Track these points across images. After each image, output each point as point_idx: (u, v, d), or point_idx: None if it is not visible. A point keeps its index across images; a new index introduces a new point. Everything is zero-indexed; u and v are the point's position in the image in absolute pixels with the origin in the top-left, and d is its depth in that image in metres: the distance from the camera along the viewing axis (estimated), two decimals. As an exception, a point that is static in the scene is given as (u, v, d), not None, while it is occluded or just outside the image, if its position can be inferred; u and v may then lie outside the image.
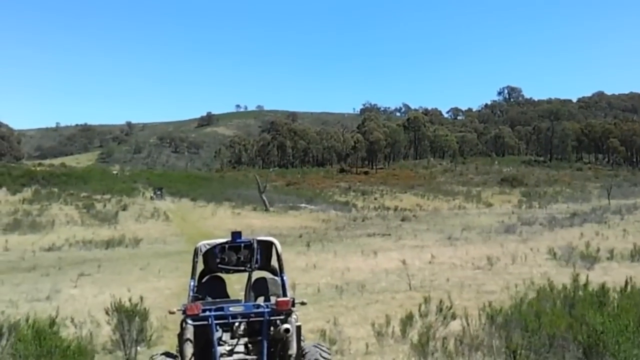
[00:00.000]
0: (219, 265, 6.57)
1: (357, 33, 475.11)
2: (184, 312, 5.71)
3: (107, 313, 9.48)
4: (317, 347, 6.00)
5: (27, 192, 56.29)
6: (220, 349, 5.67)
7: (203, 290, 6.69)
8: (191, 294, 6.34)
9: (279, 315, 5.80)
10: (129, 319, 8.81)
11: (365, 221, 49.67)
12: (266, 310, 5.80)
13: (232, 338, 5.90)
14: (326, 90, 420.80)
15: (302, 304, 6.33)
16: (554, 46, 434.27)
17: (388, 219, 51.04)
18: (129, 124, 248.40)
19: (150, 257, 28.08)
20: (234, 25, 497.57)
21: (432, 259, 22.29)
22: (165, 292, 17.55)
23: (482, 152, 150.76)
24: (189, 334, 5.62)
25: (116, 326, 9.18)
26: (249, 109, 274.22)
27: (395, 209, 62.09)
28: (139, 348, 9.32)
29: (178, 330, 5.97)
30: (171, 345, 8.29)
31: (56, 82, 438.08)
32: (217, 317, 5.70)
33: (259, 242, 6.59)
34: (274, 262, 6.97)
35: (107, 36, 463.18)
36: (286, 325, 5.66)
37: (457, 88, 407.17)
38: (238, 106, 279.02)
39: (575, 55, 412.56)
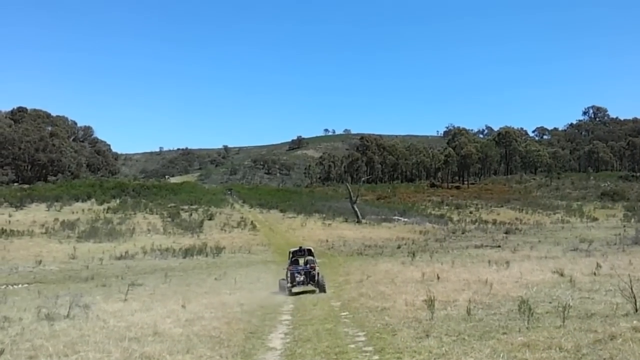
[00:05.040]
0: (295, 255, 19.85)
1: (440, 56, 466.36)
2: (288, 268, 19.25)
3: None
4: (322, 278, 18.69)
5: (115, 203, 52.74)
6: (297, 278, 18.57)
7: (291, 262, 19.23)
8: (289, 263, 19.42)
9: (313, 269, 18.97)
10: None
11: (465, 233, 46.30)
12: (309, 268, 18.98)
13: (300, 275, 18.65)
14: (410, 114, 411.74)
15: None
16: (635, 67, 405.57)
17: (490, 232, 47.37)
18: (225, 148, 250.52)
19: (229, 266, 24.33)
20: (322, 55, 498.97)
21: (596, 270, 15.51)
22: (234, 309, 11.98)
23: (573, 168, 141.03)
24: (289, 273, 18.65)
25: None
26: (337, 132, 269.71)
27: (494, 223, 57.35)
28: None
29: None
30: None
31: (160, 110, 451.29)
32: (296, 270, 18.83)
33: (307, 248, 20.54)
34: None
35: (206, 68, 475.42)
36: (314, 272, 18.91)
37: (537, 109, 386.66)
38: (326, 130, 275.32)
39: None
